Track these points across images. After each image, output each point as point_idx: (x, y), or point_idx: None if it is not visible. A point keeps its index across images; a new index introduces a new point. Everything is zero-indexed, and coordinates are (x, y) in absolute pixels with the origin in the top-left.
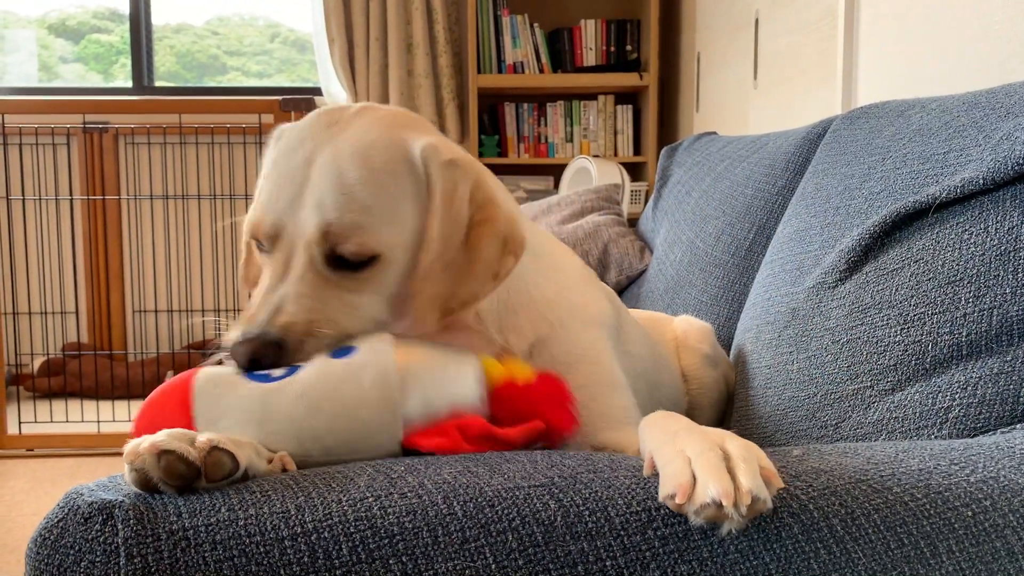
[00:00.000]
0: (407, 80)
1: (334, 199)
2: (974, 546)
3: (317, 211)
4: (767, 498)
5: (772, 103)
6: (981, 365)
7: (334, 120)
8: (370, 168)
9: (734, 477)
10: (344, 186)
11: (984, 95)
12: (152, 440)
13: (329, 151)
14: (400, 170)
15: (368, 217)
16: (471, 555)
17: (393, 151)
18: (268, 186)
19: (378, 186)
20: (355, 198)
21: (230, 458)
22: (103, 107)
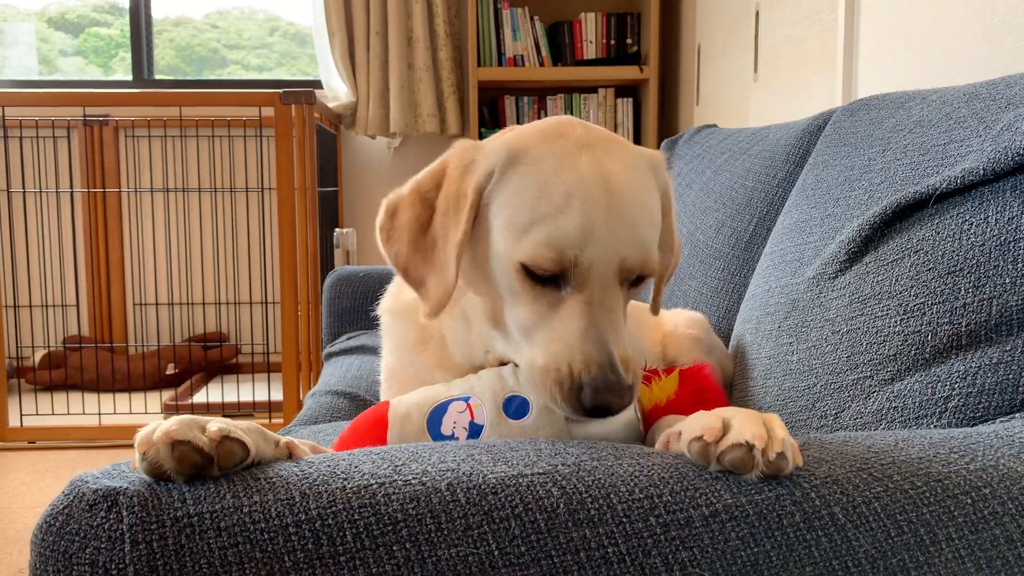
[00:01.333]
0: (407, 73)
1: (641, 224)
2: (973, 533)
3: (633, 240)
4: (791, 459)
5: (773, 95)
6: (981, 355)
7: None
8: (644, 184)
9: (771, 430)
10: (640, 208)
11: (984, 86)
12: (165, 429)
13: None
14: (651, 182)
15: (655, 234)
16: (474, 542)
17: (645, 165)
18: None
19: (652, 202)
20: (648, 218)
21: (241, 447)
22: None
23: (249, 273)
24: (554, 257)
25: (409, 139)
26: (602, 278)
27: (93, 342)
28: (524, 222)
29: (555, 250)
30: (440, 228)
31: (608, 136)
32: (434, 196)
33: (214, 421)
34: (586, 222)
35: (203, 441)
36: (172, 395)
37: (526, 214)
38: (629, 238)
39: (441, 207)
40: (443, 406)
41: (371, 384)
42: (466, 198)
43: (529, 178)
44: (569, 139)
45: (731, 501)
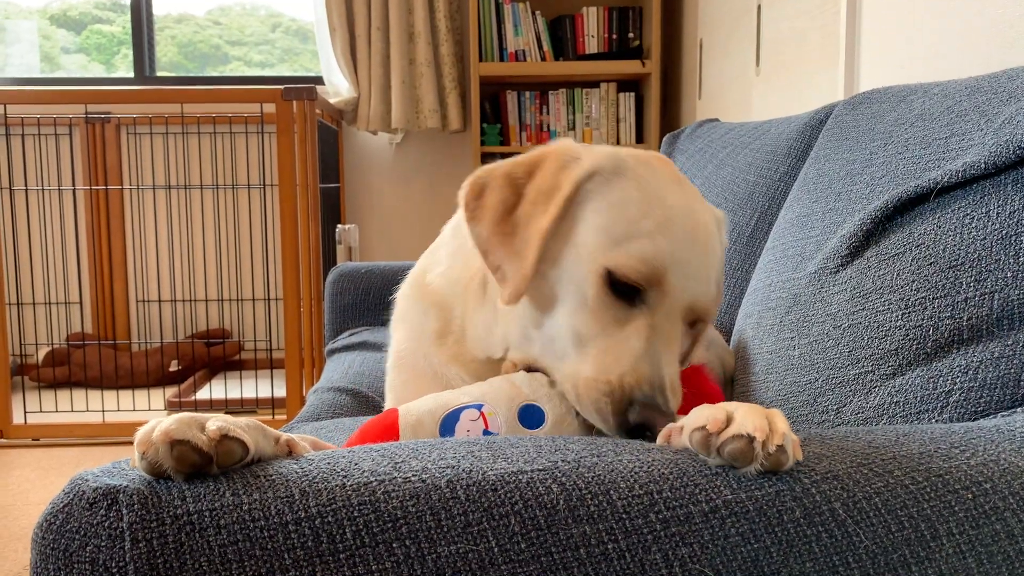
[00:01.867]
0: (409, 69)
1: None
2: (974, 528)
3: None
4: (791, 454)
5: (774, 89)
6: (982, 349)
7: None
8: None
9: (772, 423)
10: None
11: (986, 80)
12: (164, 428)
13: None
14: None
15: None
16: (474, 538)
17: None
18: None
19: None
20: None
21: (241, 446)
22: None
23: (252, 269)
24: (646, 273)
25: (411, 135)
26: (673, 309)
27: (96, 339)
28: (623, 232)
29: (650, 266)
30: (525, 215)
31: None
32: (524, 183)
33: (213, 419)
34: (679, 252)
35: (202, 440)
36: (175, 392)
37: (627, 225)
38: (706, 280)
39: (530, 195)
40: (455, 414)
41: (373, 380)
42: (561, 190)
43: (635, 191)
44: (663, 172)
45: (731, 497)
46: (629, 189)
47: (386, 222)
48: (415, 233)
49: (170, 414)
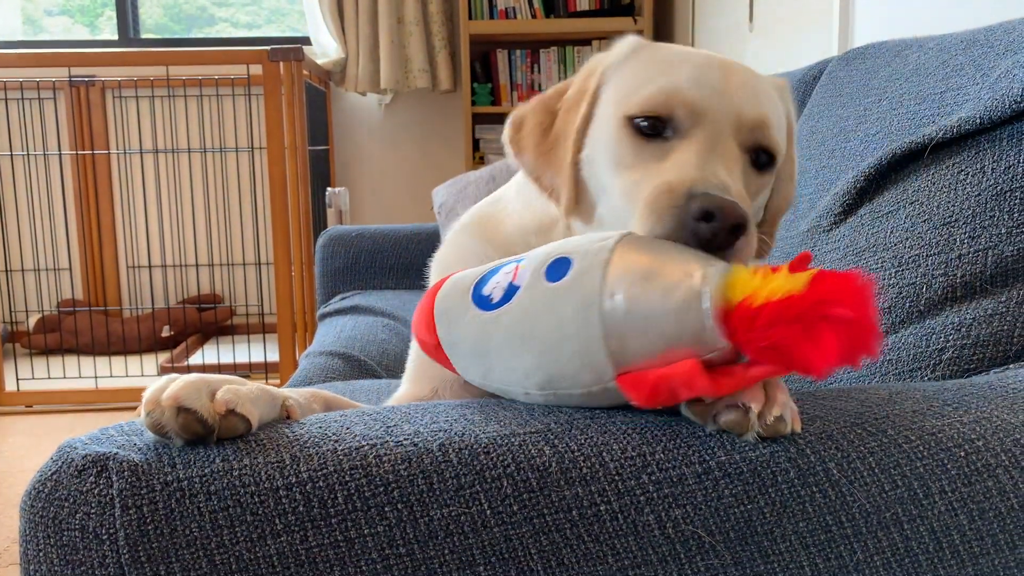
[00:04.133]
0: (397, 28)
1: (761, 97)
2: (966, 486)
3: (749, 98)
4: (790, 421)
5: (768, 45)
6: (975, 306)
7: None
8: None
9: (769, 393)
10: (759, 91)
11: (982, 33)
12: (173, 392)
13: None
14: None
15: (777, 121)
16: (466, 501)
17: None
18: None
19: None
20: (768, 103)
21: (244, 422)
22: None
23: (242, 234)
24: (664, 100)
25: (400, 95)
26: (716, 129)
27: (87, 305)
28: (633, 87)
29: (666, 93)
30: (560, 128)
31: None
32: (556, 102)
33: (224, 388)
34: (700, 73)
35: (208, 412)
36: (168, 357)
37: (637, 80)
38: (748, 95)
39: (564, 108)
40: (497, 268)
41: (366, 344)
42: (587, 92)
43: (647, 59)
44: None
45: (725, 458)
46: (643, 59)
47: (376, 184)
48: (405, 195)
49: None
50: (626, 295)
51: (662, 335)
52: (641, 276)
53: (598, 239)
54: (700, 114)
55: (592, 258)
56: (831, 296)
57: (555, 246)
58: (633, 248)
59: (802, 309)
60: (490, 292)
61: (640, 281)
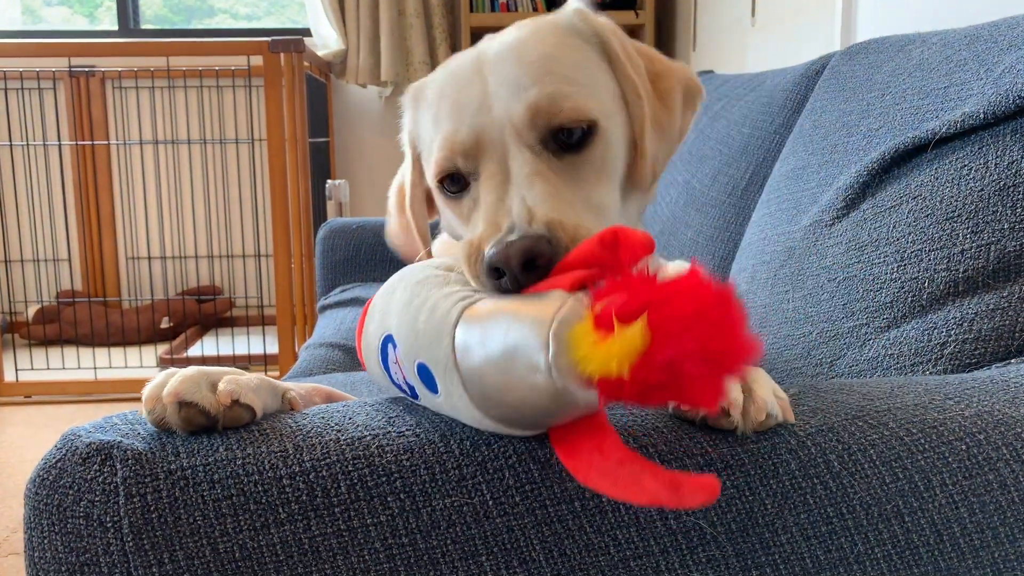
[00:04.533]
0: (398, 20)
1: (527, 74)
2: (967, 479)
3: (513, 91)
4: (778, 414)
5: (770, 40)
6: (978, 301)
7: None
8: (548, 44)
9: (751, 391)
10: (531, 61)
11: (986, 28)
12: (173, 388)
13: (496, 47)
14: (573, 41)
15: (569, 85)
16: (468, 492)
17: (556, 27)
18: (443, 116)
19: (564, 56)
20: (548, 68)
21: (248, 412)
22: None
23: (242, 225)
24: (445, 158)
25: (400, 88)
26: (498, 151)
27: (86, 296)
28: (427, 150)
29: (442, 156)
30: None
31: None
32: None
33: (225, 379)
34: (458, 105)
35: (211, 403)
36: (167, 349)
37: (427, 141)
38: (511, 94)
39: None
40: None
41: None
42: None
43: (427, 107)
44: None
45: (726, 450)
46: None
47: (376, 177)
48: None
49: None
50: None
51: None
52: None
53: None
54: (478, 150)
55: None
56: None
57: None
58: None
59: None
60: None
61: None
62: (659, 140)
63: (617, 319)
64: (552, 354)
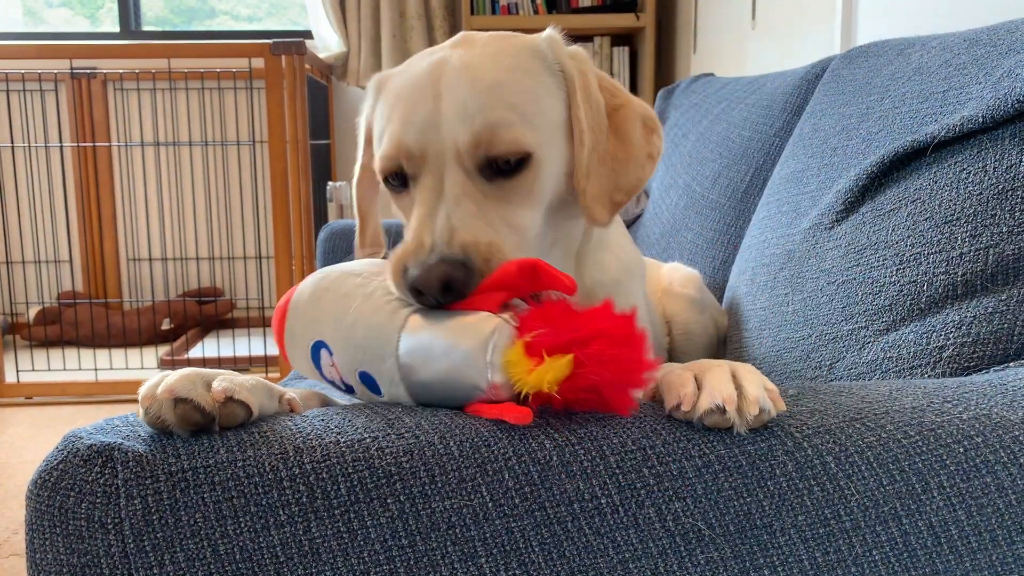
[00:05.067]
0: (399, 22)
1: (476, 101)
2: (965, 482)
3: (461, 117)
4: (771, 408)
5: (770, 43)
6: (976, 304)
7: (448, 46)
8: (504, 68)
9: (741, 387)
10: (482, 87)
11: (985, 32)
12: (168, 385)
13: (456, 62)
14: (533, 67)
15: (513, 113)
16: (468, 494)
17: (521, 50)
18: (396, 117)
19: (516, 83)
20: (497, 96)
21: (244, 409)
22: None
23: (243, 227)
24: (391, 157)
25: None
26: (439, 165)
27: (88, 298)
28: (378, 139)
29: (390, 152)
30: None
31: (493, 37)
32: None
33: (220, 378)
34: (411, 112)
35: (206, 400)
36: (168, 350)
37: (381, 133)
38: (458, 116)
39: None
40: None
41: None
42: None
43: (385, 98)
44: (436, 51)
45: (724, 452)
46: (383, 99)
47: None
48: None
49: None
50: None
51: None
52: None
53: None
54: (420, 159)
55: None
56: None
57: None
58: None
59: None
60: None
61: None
62: (613, 173)
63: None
64: (490, 376)
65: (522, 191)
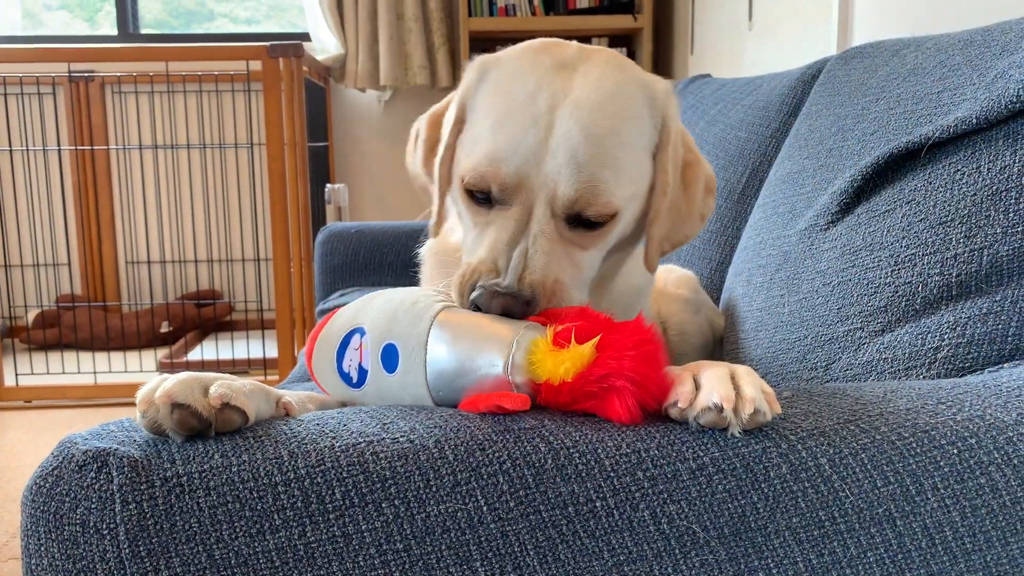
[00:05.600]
0: (397, 24)
1: (586, 153)
2: (959, 483)
3: (569, 167)
4: (767, 411)
5: (767, 44)
6: (970, 305)
7: (560, 62)
8: (618, 115)
9: (738, 388)
10: (595, 138)
11: (979, 33)
12: (166, 390)
13: (574, 98)
14: (642, 115)
15: (614, 173)
16: (463, 498)
17: (636, 94)
18: (501, 132)
19: (624, 135)
20: (604, 149)
21: (240, 415)
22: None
23: (241, 230)
24: (481, 176)
25: (399, 92)
26: (531, 199)
27: (86, 301)
28: (473, 139)
29: (482, 169)
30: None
31: (608, 63)
32: (442, 115)
33: (217, 383)
34: (518, 137)
35: (203, 406)
36: (167, 353)
37: (477, 130)
38: (566, 164)
39: (444, 127)
40: (348, 337)
41: None
42: (449, 126)
43: (491, 91)
44: (549, 57)
45: (718, 455)
46: (488, 90)
47: (375, 181)
48: (404, 192)
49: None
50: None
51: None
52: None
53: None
54: (514, 189)
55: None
56: (613, 367)
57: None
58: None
59: (590, 386)
60: (348, 369)
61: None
62: (673, 224)
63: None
64: (512, 353)
65: (596, 242)
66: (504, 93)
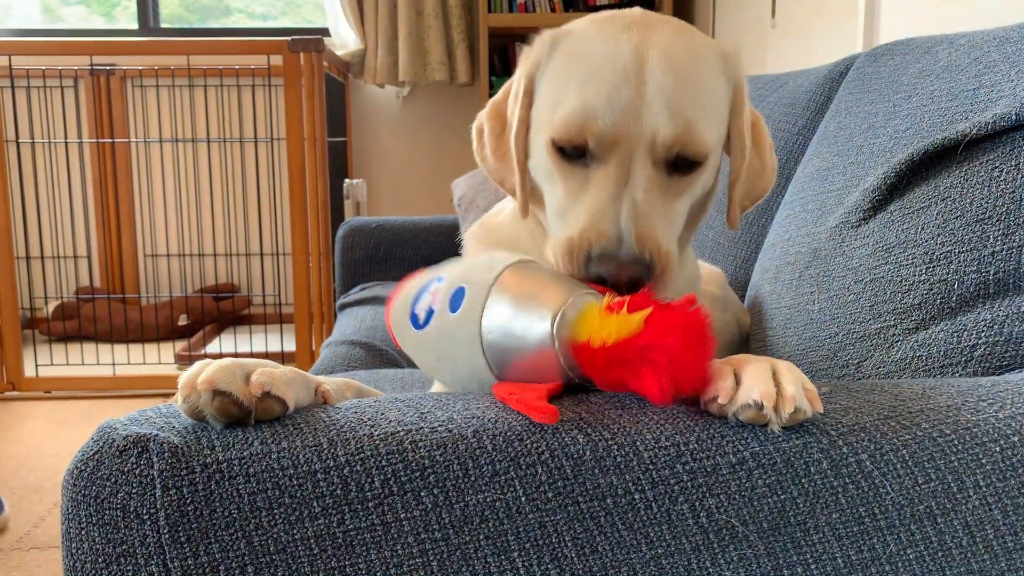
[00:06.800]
0: (416, 20)
1: (681, 96)
2: (1001, 480)
3: (669, 114)
4: (807, 408)
5: (790, 42)
6: (1008, 303)
7: (632, 22)
8: (702, 66)
9: (779, 385)
10: (687, 83)
11: (1015, 30)
12: (208, 376)
13: (658, 51)
14: (718, 71)
15: (705, 115)
16: (501, 488)
17: (711, 51)
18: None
19: (709, 84)
20: (697, 93)
21: (280, 404)
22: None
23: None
24: (577, 128)
25: (418, 88)
26: (629, 152)
27: (105, 293)
28: (555, 100)
29: (578, 121)
30: (509, 130)
31: (675, 23)
32: (505, 104)
33: (259, 371)
34: (612, 91)
35: (244, 394)
36: (184, 346)
37: (558, 92)
38: (663, 109)
39: (509, 111)
40: (428, 284)
41: (386, 334)
42: (519, 97)
43: (567, 57)
44: (620, 20)
45: (758, 449)
46: (564, 56)
47: (393, 177)
48: (422, 188)
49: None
50: (500, 332)
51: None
52: (512, 313)
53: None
54: (612, 143)
55: (478, 291)
56: (656, 340)
57: (460, 271)
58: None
59: (629, 354)
60: (418, 311)
61: (511, 318)
62: (749, 185)
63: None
64: (564, 310)
65: (687, 190)
66: (582, 56)
